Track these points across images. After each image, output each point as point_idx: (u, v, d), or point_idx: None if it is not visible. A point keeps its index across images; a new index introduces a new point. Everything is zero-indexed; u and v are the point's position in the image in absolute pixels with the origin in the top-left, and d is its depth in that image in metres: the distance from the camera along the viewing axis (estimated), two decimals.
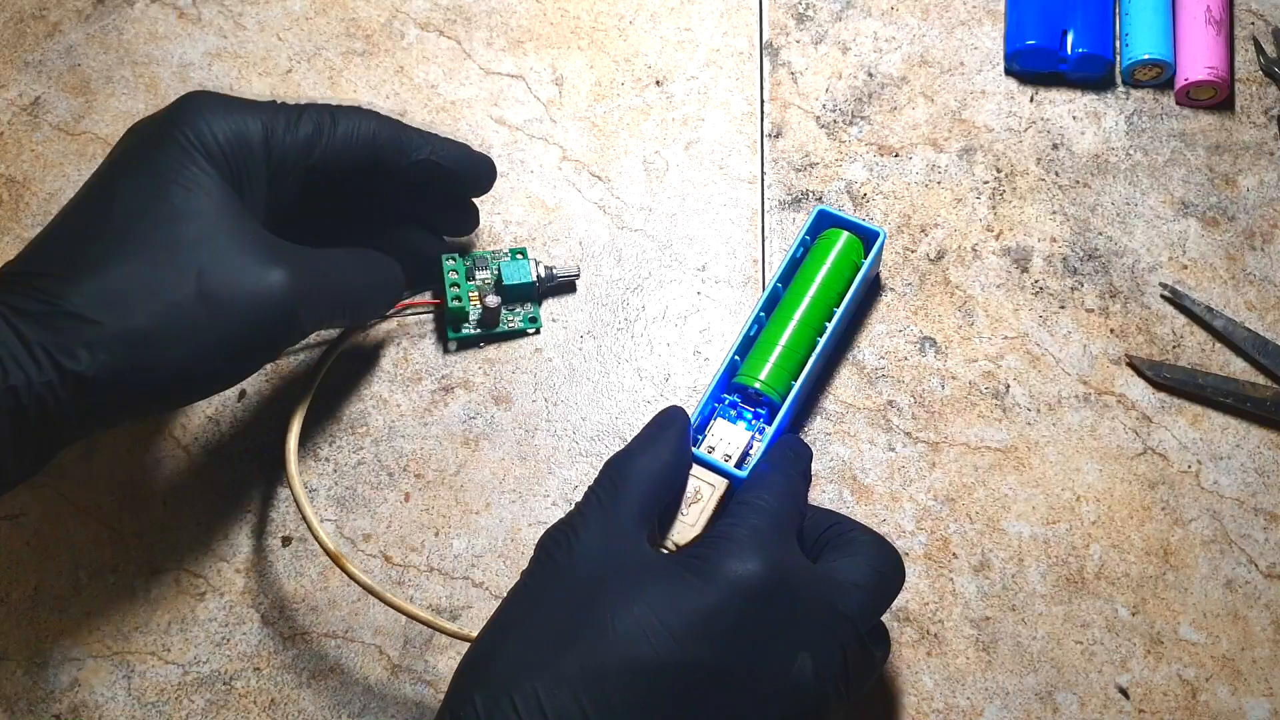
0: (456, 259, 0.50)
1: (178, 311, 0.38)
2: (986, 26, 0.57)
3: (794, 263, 0.49)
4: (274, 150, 0.42)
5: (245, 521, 0.48)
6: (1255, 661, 0.46)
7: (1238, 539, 0.48)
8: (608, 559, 0.38)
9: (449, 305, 0.49)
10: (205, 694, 0.45)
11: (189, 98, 0.42)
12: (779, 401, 0.46)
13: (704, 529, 0.43)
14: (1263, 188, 0.54)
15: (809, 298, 0.48)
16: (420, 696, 0.45)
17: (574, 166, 0.54)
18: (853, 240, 0.49)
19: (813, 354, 0.47)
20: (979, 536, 0.48)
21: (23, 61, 0.56)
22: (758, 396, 0.46)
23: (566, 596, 0.37)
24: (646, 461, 0.41)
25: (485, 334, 0.51)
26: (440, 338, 0.51)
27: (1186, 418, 0.50)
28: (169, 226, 0.39)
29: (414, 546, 0.48)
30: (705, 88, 0.56)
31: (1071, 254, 0.52)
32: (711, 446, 0.45)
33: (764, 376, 0.46)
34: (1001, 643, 0.46)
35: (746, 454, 0.45)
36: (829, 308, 0.48)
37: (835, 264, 0.48)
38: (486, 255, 0.51)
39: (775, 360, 0.46)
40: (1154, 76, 0.55)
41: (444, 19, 0.57)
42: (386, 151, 0.45)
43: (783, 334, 0.47)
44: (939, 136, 0.55)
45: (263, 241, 0.41)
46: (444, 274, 0.50)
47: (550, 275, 0.51)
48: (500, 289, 0.50)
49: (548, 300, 0.52)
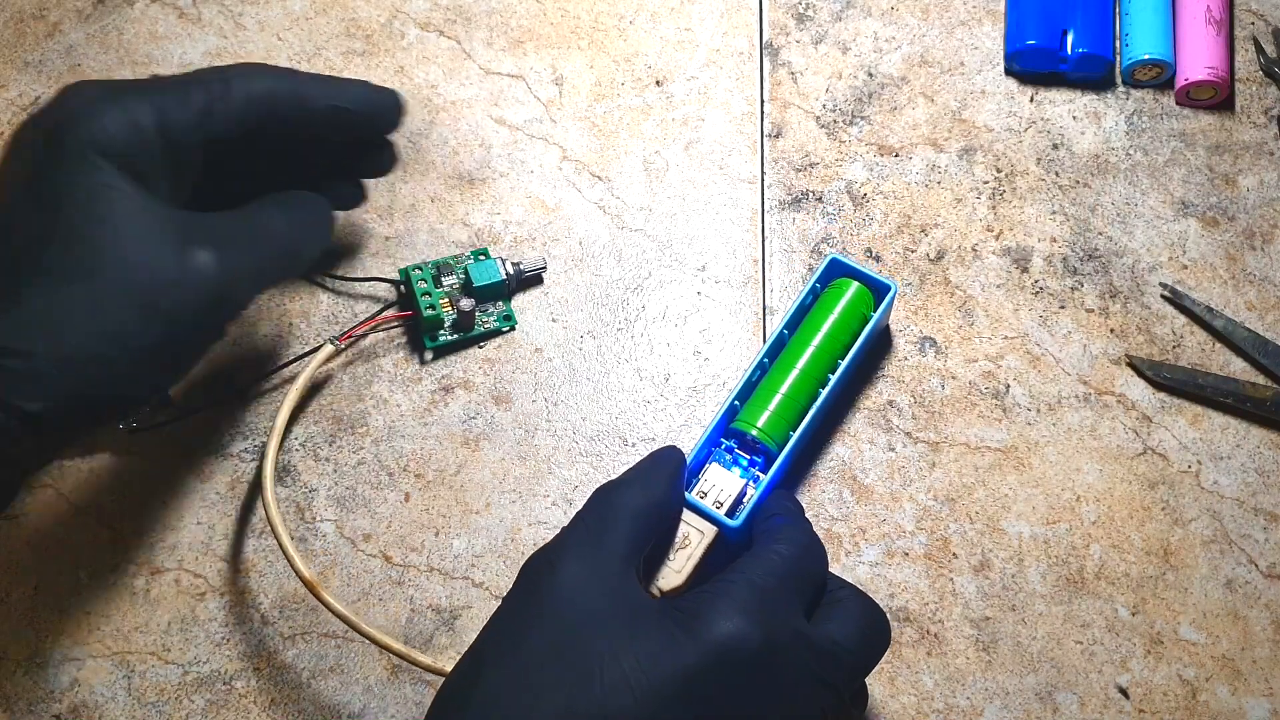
0: (423, 268, 0.50)
1: (108, 323, 0.37)
2: (986, 26, 0.57)
3: (802, 310, 0.48)
4: (170, 131, 0.40)
5: (245, 521, 0.48)
6: (1255, 661, 0.46)
7: (1238, 539, 0.48)
8: (594, 596, 0.36)
9: (424, 315, 0.49)
10: (205, 694, 0.45)
11: (70, 93, 0.40)
12: (775, 450, 0.45)
13: (689, 576, 0.42)
14: (1263, 188, 0.54)
15: (813, 347, 0.47)
16: (420, 696, 0.45)
17: (574, 166, 0.54)
18: (863, 291, 0.48)
19: (814, 405, 0.46)
20: (979, 536, 0.48)
21: (23, 61, 0.56)
22: (755, 444, 0.45)
23: (550, 633, 0.36)
24: (636, 497, 0.39)
25: (463, 338, 0.51)
26: (415, 349, 0.51)
27: (1186, 418, 0.50)
28: (79, 238, 0.37)
29: (414, 546, 0.48)
30: (705, 88, 0.56)
31: (1071, 254, 0.52)
32: (704, 492, 0.44)
33: (762, 424, 0.45)
34: (1001, 643, 0.46)
35: (739, 502, 0.44)
36: (834, 359, 0.47)
37: (843, 315, 0.47)
38: (449, 261, 0.51)
39: (774, 408, 0.45)
40: (1154, 76, 0.55)
41: (444, 19, 0.57)
42: (286, 107, 0.43)
43: (784, 382, 0.46)
44: (939, 136, 0.55)
45: (177, 226, 0.39)
46: (412, 285, 0.50)
47: (519, 271, 0.51)
48: (471, 291, 0.50)
49: (547, 301, 0.52)
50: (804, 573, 0.39)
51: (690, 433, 0.49)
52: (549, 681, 0.34)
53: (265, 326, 0.51)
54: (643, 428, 0.50)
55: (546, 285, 0.52)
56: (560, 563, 0.37)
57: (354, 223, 0.53)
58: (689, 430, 0.50)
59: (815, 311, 0.48)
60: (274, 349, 0.51)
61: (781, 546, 0.39)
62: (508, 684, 0.35)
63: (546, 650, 0.35)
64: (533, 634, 0.36)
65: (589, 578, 0.37)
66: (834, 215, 0.53)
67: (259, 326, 0.51)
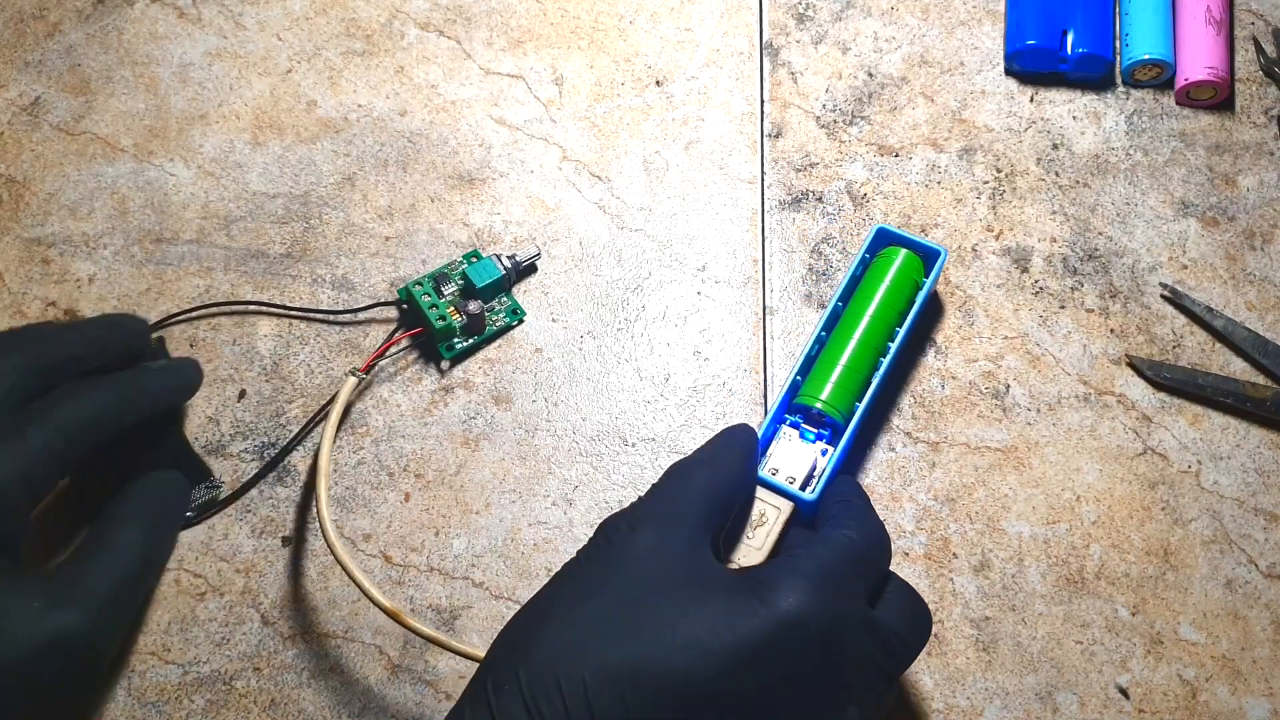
0: (422, 282, 0.50)
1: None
2: (986, 26, 0.57)
3: (854, 280, 0.49)
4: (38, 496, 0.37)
5: (245, 521, 0.48)
6: (1255, 661, 0.46)
7: (1238, 539, 0.48)
8: (667, 562, 0.37)
9: (435, 326, 0.49)
10: (205, 694, 0.45)
11: None
12: (842, 422, 0.45)
13: (770, 552, 0.42)
14: (1263, 188, 0.54)
15: (869, 316, 0.47)
16: (420, 696, 0.45)
17: (574, 166, 0.54)
18: (911, 258, 0.48)
19: (876, 374, 0.46)
20: (979, 536, 0.48)
21: (23, 61, 0.56)
22: (820, 417, 0.46)
23: (622, 590, 0.36)
24: (709, 475, 0.40)
25: (477, 341, 0.51)
26: (431, 361, 0.51)
27: (1186, 418, 0.50)
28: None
29: (414, 546, 0.48)
30: (705, 88, 0.56)
31: (1071, 254, 0.52)
32: (775, 469, 0.44)
33: (825, 396, 0.45)
34: (1001, 643, 0.46)
35: (811, 476, 0.44)
36: (890, 326, 0.47)
37: (894, 282, 0.48)
38: (444, 270, 0.51)
39: (836, 380, 0.46)
40: (1154, 76, 0.55)
41: (444, 19, 0.57)
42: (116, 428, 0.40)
43: (843, 353, 0.46)
44: (939, 136, 0.55)
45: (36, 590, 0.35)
46: (416, 300, 0.50)
47: (515, 263, 0.51)
48: (474, 293, 0.50)
49: (547, 301, 0.52)
50: (870, 560, 0.39)
51: (690, 432, 0.49)
52: (620, 634, 0.35)
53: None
54: (643, 428, 0.50)
55: (546, 285, 0.52)
56: (638, 527, 0.38)
57: (354, 223, 0.53)
58: (689, 430, 0.50)
59: (866, 281, 0.48)
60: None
61: (852, 532, 0.39)
62: (579, 631, 0.35)
63: (617, 606, 0.36)
64: (605, 589, 0.36)
65: (662, 544, 0.37)
66: (834, 215, 0.53)
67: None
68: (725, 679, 0.34)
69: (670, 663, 0.34)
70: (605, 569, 0.37)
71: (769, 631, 0.35)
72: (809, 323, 0.51)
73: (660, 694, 0.34)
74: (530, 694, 0.34)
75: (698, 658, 0.34)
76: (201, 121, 0.55)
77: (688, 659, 0.34)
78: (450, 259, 0.52)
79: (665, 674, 0.34)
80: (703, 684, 0.34)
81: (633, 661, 0.34)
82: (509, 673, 0.35)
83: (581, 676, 0.34)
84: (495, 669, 0.35)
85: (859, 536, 0.39)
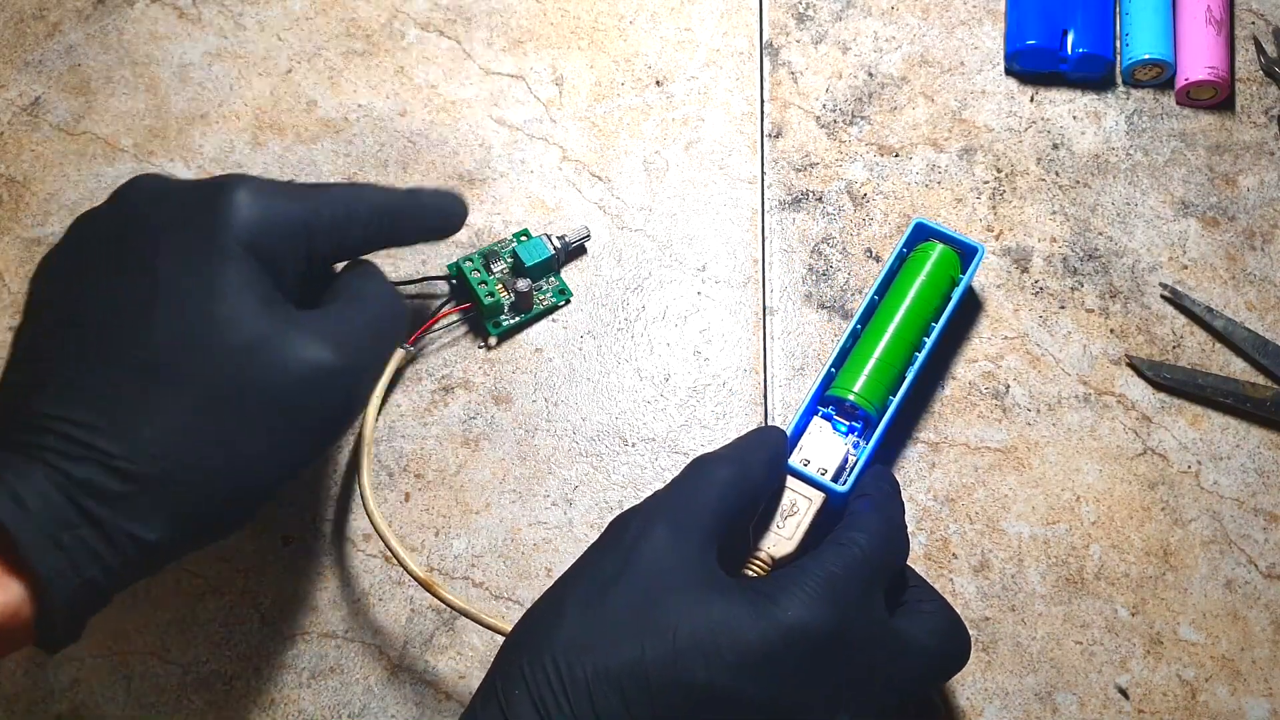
0: (472, 258, 0.51)
1: (245, 444, 0.36)
2: (986, 26, 0.57)
3: (890, 275, 0.49)
4: (315, 241, 0.40)
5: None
6: (1255, 661, 0.46)
7: (1238, 539, 0.48)
8: (675, 563, 0.37)
9: (484, 303, 0.50)
10: (205, 694, 0.45)
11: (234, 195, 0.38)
12: (874, 415, 0.45)
13: (800, 542, 0.42)
14: (1263, 188, 0.54)
15: (903, 311, 0.47)
16: (420, 696, 0.45)
17: (574, 166, 0.54)
18: (948, 253, 0.48)
19: (910, 369, 0.46)
20: (979, 537, 0.48)
21: (23, 61, 0.56)
22: (853, 409, 0.46)
23: (632, 589, 0.36)
24: (732, 475, 0.40)
25: (524, 319, 0.51)
26: (478, 337, 0.51)
27: (1186, 418, 0.50)
28: (218, 349, 0.36)
29: (414, 546, 0.48)
30: (705, 88, 0.56)
31: (1071, 254, 0.52)
32: (807, 459, 0.44)
33: (858, 389, 0.45)
34: (1001, 643, 0.46)
35: (843, 468, 0.44)
36: (926, 322, 0.47)
37: (930, 277, 0.48)
38: (494, 248, 0.51)
39: (870, 373, 0.46)
40: (1154, 76, 0.55)
41: (444, 19, 0.57)
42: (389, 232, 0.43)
43: (877, 346, 0.46)
44: (939, 136, 0.55)
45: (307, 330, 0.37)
46: (466, 276, 0.50)
47: (565, 244, 0.51)
48: (523, 271, 0.51)
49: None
50: (881, 563, 0.39)
51: (690, 433, 0.50)
52: (627, 634, 0.35)
53: None
54: (643, 428, 0.50)
55: None
56: (651, 525, 0.38)
57: None
58: (689, 430, 0.50)
59: (902, 276, 0.48)
60: None
61: (860, 535, 0.39)
62: (589, 629, 0.36)
63: (626, 606, 0.36)
64: (616, 588, 0.37)
65: (671, 545, 0.37)
66: (834, 215, 0.53)
67: None
68: (726, 686, 0.35)
69: (672, 667, 0.35)
70: (617, 568, 0.37)
71: (766, 643, 0.35)
72: (809, 323, 0.51)
73: (661, 697, 0.34)
74: (538, 694, 0.34)
75: (696, 659, 0.35)
76: (202, 121, 0.55)
77: (687, 661, 0.35)
78: (450, 258, 0.52)
79: (666, 676, 0.34)
80: (703, 689, 0.34)
81: (634, 661, 0.35)
82: (518, 671, 0.35)
83: (586, 677, 0.34)
84: (505, 667, 0.36)
85: (867, 540, 0.39)
